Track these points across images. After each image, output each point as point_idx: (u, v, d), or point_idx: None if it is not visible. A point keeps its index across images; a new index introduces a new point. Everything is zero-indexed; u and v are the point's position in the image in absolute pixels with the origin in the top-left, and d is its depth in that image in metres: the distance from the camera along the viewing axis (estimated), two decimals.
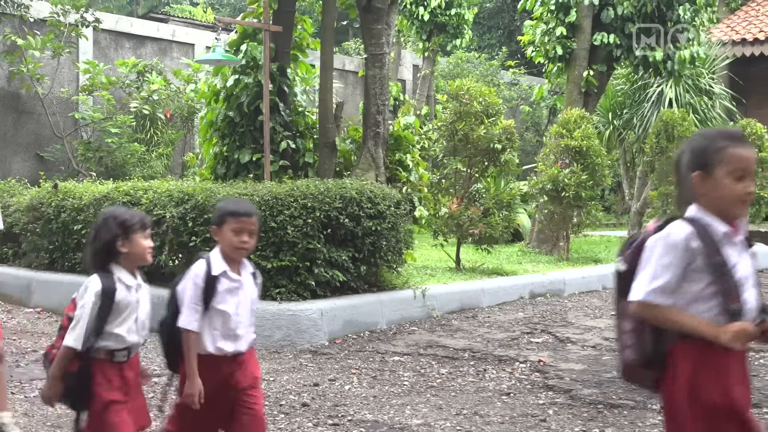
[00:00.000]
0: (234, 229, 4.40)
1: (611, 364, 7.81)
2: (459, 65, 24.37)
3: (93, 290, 4.21)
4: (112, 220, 4.27)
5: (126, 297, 4.29)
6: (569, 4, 14.84)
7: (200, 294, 4.37)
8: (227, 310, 4.43)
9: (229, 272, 4.45)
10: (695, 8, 14.98)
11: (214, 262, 4.44)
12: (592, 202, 13.25)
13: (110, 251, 4.26)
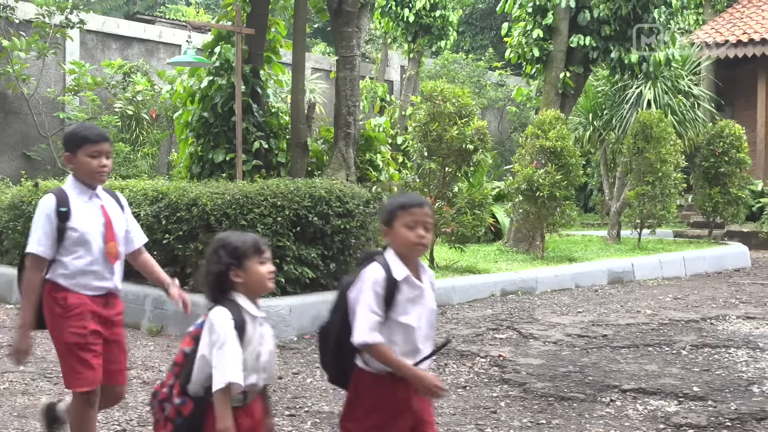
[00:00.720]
0: (407, 223, 3.87)
1: (569, 359, 8.03)
2: (446, 66, 24.60)
3: (227, 320, 3.68)
4: (221, 249, 3.80)
5: (251, 330, 3.79)
6: (546, 6, 15.06)
7: (381, 303, 3.77)
8: (410, 322, 3.85)
9: (411, 278, 3.87)
10: (670, 11, 15.20)
11: (393, 265, 3.85)
12: (567, 202, 13.46)
13: (224, 282, 3.78)
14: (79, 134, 4.77)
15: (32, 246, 4.70)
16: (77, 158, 4.74)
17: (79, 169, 4.77)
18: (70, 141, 4.78)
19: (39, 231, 4.70)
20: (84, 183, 4.80)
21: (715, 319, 10.09)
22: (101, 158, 4.74)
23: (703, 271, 15.10)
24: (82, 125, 4.90)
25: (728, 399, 6.70)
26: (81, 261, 4.76)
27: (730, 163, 17.05)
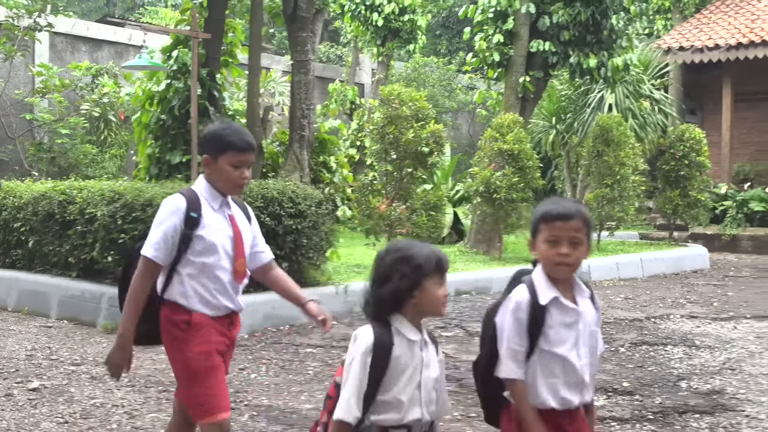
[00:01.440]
0: (548, 238, 3.43)
1: None
2: (417, 69, 24.88)
3: (363, 342, 3.32)
4: (404, 264, 3.34)
5: (406, 354, 3.34)
6: (507, 12, 15.32)
7: (523, 331, 3.41)
8: (566, 353, 3.44)
9: (561, 299, 3.45)
10: (629, 17, 15.50)
11: (539, 286, 3.45)
12: (524, 204, 13.72)
13: (398, 301, 3.34)
14: (224, 138, 4.22)
15: (147, 249, 4.15)
16: (217, 164, 4.21)
17: (217, 175, 4.24)
18: (212, 143, 4.25)
19: (159, 233, 4.14)
20: (217, 189, 4.27)
21: (659, 318, 10.36)
22: (243, 169, 4.23)
23: (661, 272, 15.38)
24: (229, 127, 4.32)
25: (655, 394, 6.96)
26: (206, 275, 4.20)
27: (690, 167, 17.35)
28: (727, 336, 9.35)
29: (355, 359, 3.31)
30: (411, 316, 3.38)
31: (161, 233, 4.14)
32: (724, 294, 12.72)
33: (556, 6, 15.14)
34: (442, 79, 25.06)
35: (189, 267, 4.18)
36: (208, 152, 4.25)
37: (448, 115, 25.47)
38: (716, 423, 6.24)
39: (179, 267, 4.20)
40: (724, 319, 10.43)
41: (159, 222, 4.19)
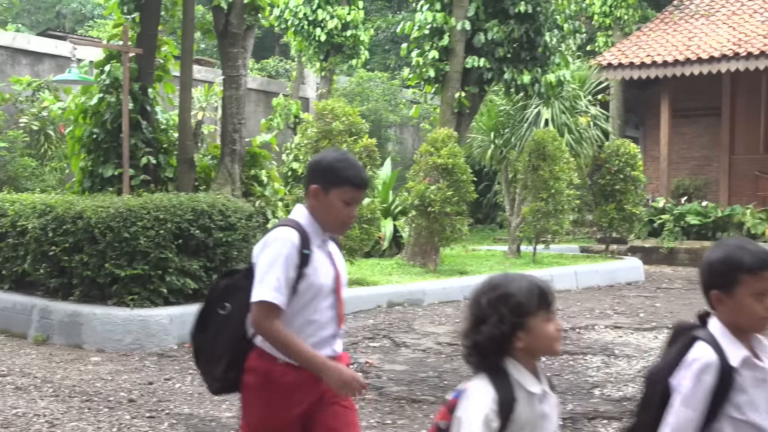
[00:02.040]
0: (757, 291, 3.02)
1: (432, 365, 8.47)
2: (361, 84, 25.11)
3: (483, 403, 2.84)
4: (501, 305, 2.90)
5: (526, 411, 2.89)
6: (443, 29, 15.57)
7: (707, 397, 2.97)
8: (759, 422, 3.01)
9: (752, 359, 3.04)
10: (562, 34, 15.84)
11: (725, 344, 3.03)
12: (458, 217, 13.95)
13: (501, 347, 2.92)
14: (340, 171, 3.72)
15: (267, 292, 3.56)
16: (328, 197, 3.71)
17: (324, 209, 3.74)
18: (326, 174, 3.74)
19: (277, 274, 3.57)
20: (319, 224, 3.77)
21: (583, 329, 10.61)
22: (353, 207, 3.77)
23: (595, 284, 15.67)
24: (346, 158, 3.80)
25: (568, 400, 7.18)
26: (307, 319, 3.71)
27: (626, 181, 17.68)
28: (647, 345, 9.62)
29: (473, 422, 2.82)
30: (524, 360, 2.93)
31: (282, 273, 3.57)
32: (653, 305, 13.01)
33: (491, 23, 15.43)
34: (386, 93, 25.31)
35: (290, 311, 3.65)
36: (318, 183, 3.72)
37: (392, 129, 25.70)
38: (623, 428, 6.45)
39: None
40: (647, 329, 10.70)
41: (273, 259, 3.59)
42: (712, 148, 25.58)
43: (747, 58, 21.54)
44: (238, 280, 3.76)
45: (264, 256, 3.63)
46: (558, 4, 15.77)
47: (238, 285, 3.72)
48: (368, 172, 12.04)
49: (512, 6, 15.34)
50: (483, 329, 2.90)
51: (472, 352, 2.95)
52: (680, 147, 26.46)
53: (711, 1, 26.05)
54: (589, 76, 20.65)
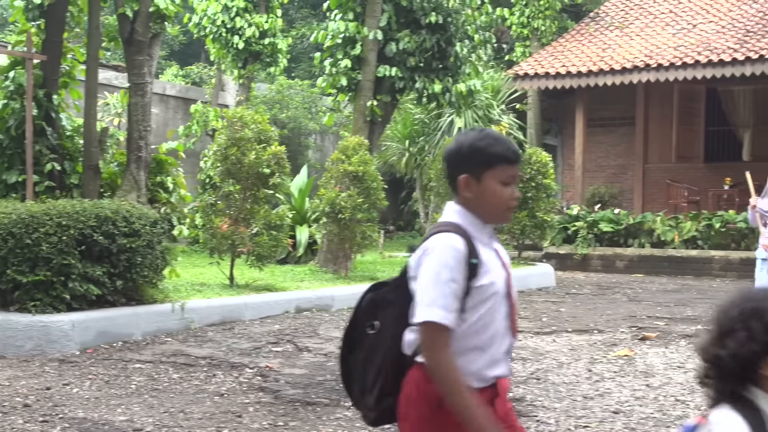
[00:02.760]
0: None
1: (331, 369, 8.61)
2: (281, 92, 25.22)
3: None
4: (755, 321, 2.47)
5: None
6: (355, 38, 15.80)
7: None
8: None
9: None
10: (473, 45, 16.17)
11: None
12: (368, 224, 14.15)
13: (746, 372, 2.48)
14: (487, 149, 3.23)
15: (434, 312, 3.06)
16: (483, 184, 3.22)
17: (482, 198, 3.25)
18: (472, 158, 3.24)
19: (444, 289, 3.07)
20: (479, 217, 3.27)
21: None
22: (513, 186, 3.28)
23: None
24: (487, 135, 3.30)
25: None
26: (479, 337, 3.21)
27: (538, 189, 18.06)
28: (543, 348, 9.88)
29: None
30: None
31: (449, 288, 3.07)
32: (557, 310, 13.33)
33: (403, 33, 15.70)
34: (305, 101, 25.46)
35: (460, 325, 3.15)
36: (467, 170, 3.22)
37: (313, 137, 25.84)
38: None
39: None
40: (546, 333, 10.99)
41: (437, 272, 3.09)
42: (627, 156, 26.17)
43: (658, 69, 22.09)
44: (385, 294, 3.33)
45: (426, 269, 3.11)
46: (468, 16, 16.09)
47: (387, 299, 3.30)
48: (276, 179, 12.19)
49: (423, 16, 15.64)
50: (728, 344, 2.48)
51: (710, 373, 2.55)
52: (597, 155, 27.03)
53: (626, 14, 26.66)
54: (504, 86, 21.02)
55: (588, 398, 7.59)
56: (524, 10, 27.27)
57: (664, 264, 20.86)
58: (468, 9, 16.02)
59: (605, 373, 8.58)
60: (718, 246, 20.26)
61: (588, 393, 7.77)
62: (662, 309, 13.67)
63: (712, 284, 18.28)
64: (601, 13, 27.30)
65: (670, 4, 26.51)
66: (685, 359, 9.31)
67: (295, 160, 23.31)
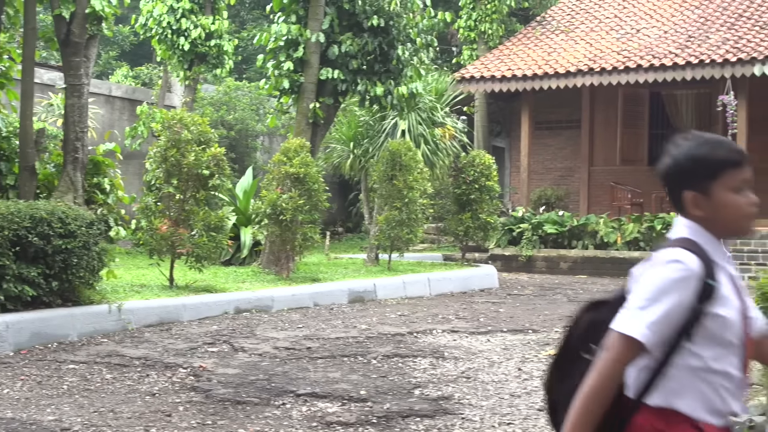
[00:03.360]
0: None
1: (265, 368, 8.69)
2: (228, 93, 25.22)
3: None
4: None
5: None
6: (298, 41, 15.89)
7: None
8: None
9: None
10: (415, 48, 16.34)
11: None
12: (309, 226, 14.24)
13: None
14: (709, 157, 2.86)
15: (636, 325, 2.76)
16: (713, 198, 2.86)
17: (717, 213, 2.88)
18: (693, 171, 2.88)
19: (660, 306, 2.76)
20: (715, 234, 2.92)
21: (421, 333, 10.99)
22: (747, 191, 2.90)
23: (449, 291, 16.13)
24: (705, 141, 2.92)
25: (387, 400, 7.49)
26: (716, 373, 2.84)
27: (481, 191, 18.27)
28: (477, 348, 10.02)
29: None
30: None
31: (663, 309, 2.76)
32: (496, 311, 13.50)
33: (346, 36, 15.81)
34: (253, 103, 25.48)
35: (690, 358, 2.82)
36: (691, 186, 2.88)
37: (261, 138, 25.86)
38: (433, 425, 6.80)
39: (673, 357, 2.83)
40: (482, 333, 11.14)
41: (659, 288, 2.79)
42: (574, 159, 26.51)
43: (601, 73, 22.39)
44: (606, 315, 2.90)
45: (647, 280, 2.82)
46: (410, 19, 16.24)
47: (608, 321, 2.86)
48: (216, 181, 12.25)
49: (366, 20, 15.76)
50: None
51: None
52: (545, 158, 27.38)
53: (572, 18, 26.99)
54: (448, 89, 21.20)
55: (515, 396, 7.74)
56: (471, 14, 27.51)
57: (607, 265, 21.17)
58: (410, 13, 16.17)
59: (534, 372, 8.73)
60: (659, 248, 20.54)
61: (516, 391, 7.91)
62: None
63: None
64: (547, 17, 27.61)
65: (615, 9, 26.88)
66: None
67: (243, 162, 23.38)
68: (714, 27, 23.46)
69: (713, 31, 23.16)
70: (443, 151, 19.46)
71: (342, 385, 7.96)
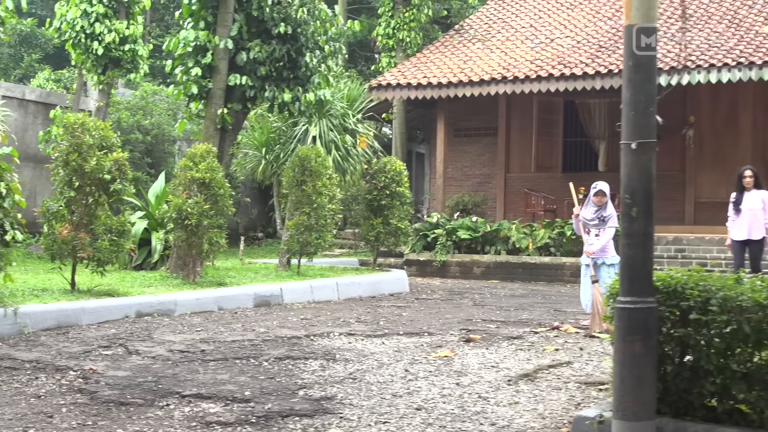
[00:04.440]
0: None
1: (155, 371, 8.79)
2: (145, 98, 25.20)
3: None
4: None
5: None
6: (206, 47, 16.01)
7: None
8: None
9: None
10: (323, 55, 16.56)
11: None
12: (215, 230, 14.35)
13: None
14: None
15: None
16: None
17: None
18: None
19: None
20: None
21: (318, 336, 11.16)
22: None
23: (358, 295, 16.34)
24: None
25: (270, 401, 7.65)
26: None
27: (392, 197, 18.52)
28: (370, 350, 10.22)
29: None
30: None
31: None
32: (399, 314, 13.72)
33: (254, 43, 15.98)
34: (170, 107, 25.48)
35: None
36: None
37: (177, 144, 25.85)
38: (311, 424, 6.98)
39: None
40: (378, 336, 11.35)
41: None
42: (492, 166, 26.96)
43: (514, 81, 22.81)
44: None
45: None
46: (318, 27, 16.44)
47: None
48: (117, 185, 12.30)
49: (274, 27, 15.93)
50: None
51: None
52: (463, 164, 27.80)
53: (489, 27, 27.44)
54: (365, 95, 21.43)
55: (397, 396, 7.94)
56: (390, 22, 27.81)
57: (518, 270, 21.58)
58: (317, 21, 16.37)
59: (420, 373, 8.95)
60: (569, 253, 21.02)
61: (398, 391, 8.12)
62: (501, 313, 14.20)
63: (561, 290, 18.97)
64: (465, 26, 28.02)
65: (531, 19, 27.38)
66: (501, 359, 9.78)
67: (159, 167, 23.37)
68: None
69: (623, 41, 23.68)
70: (355, 157, 19.69)
71: (228, 387, 8.10)
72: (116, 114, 23.31)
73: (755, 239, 14.88)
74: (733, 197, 15.31)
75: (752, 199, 14.95)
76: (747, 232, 14.88)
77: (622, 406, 5.52)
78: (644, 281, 5.54)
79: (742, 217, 14.93)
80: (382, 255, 21.91)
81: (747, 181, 15.09)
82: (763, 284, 5.58)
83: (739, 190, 15.17)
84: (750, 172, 15.17)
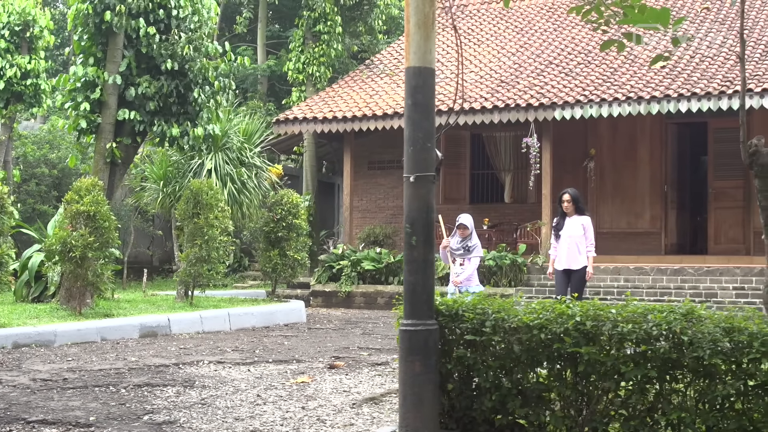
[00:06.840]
0: None
1: (10, 399, 9.00)
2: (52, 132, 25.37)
3: None
4: None
5: None
6: (95, 82, 16.32)
7: None
8: None
9: None
10: (213, 91, 16.96)
11: None
12: (100, 263, 14.61)
13: None
14: None
15: None
16: None
17: None
18: None
19: None
20: None
21: (187, 364, 11.45)
22: None
23: (251, 325, 16.63)
24: None
25: (112, 425, 7.91)
26: None
27: (288, 229, 18.88)
28: (232, 377, 10.53)
29: None
30: None
31: None
32: (281, 343, 14.05)
33: (143, 78, 16.33)
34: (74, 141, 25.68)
35: None
36: None
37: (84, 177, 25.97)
38: None
39: None
40: (247, 363, 11.67)
41: None
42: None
43: None
44: None
45: None
46: (205, 63, 16.83)
47: None
48: None
49: (162, 63, 16.28)
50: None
51: None
52: (377, 197, 28.20)
53: (398, 62, 27.99)
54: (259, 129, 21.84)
55: (238, 420, 8.25)
56: (300, 56, 28.29)
57: None
58: (203, 57, 16.77)
59: (271, 398, 9.28)
60: None
61: (241, 415, 8.43)
62: (383, 341, 14.59)
63: None
64: (375, 61, 28.59)
65: (439, 54, 27.94)
66: (356, 384, 10.15)
67: None
68: (525, 73, 24.72)
69: (524, 77, 24.41)
70: (252, 189, 20.05)
71: (76, 413, 8.35)
72: (22, 148, 23.43)
73: (574, 269, 13.73)
74: (555, 222, 14.46)
75: (572, 225, 13.85)
76: (566, 261, 13.77)
77: (405, 422, 5.92)
78: (424, 305, 5.97)
79: (561, 245, 13.87)
80: (292, 287, 22.23)
81: (565, 206, 13.95)
82: (537, 307, 6.03)
83: (560, 215, 14.13)
84: (568, 196, 13.98)
